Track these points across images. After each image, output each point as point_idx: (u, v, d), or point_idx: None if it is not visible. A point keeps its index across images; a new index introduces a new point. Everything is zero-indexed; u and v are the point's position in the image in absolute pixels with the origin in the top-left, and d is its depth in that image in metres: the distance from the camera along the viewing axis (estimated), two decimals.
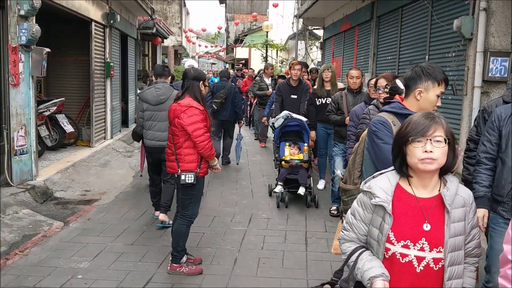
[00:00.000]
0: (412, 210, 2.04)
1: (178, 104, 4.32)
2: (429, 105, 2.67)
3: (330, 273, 4.45)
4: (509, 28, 5.61)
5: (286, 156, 6.81)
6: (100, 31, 10.81)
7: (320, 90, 7.21)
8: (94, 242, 5.20)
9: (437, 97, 2.67)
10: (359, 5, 10.88)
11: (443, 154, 1.99)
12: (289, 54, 25.05)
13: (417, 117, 2.04)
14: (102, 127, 11.31)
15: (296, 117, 6.95)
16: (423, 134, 1.97)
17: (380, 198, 2.03)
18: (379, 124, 2.72)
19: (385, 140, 2.65)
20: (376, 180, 2.12)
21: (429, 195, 2.06)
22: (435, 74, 2.65)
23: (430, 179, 2.05)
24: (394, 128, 2.65)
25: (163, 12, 27.97)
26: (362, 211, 2.14)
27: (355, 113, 5.21)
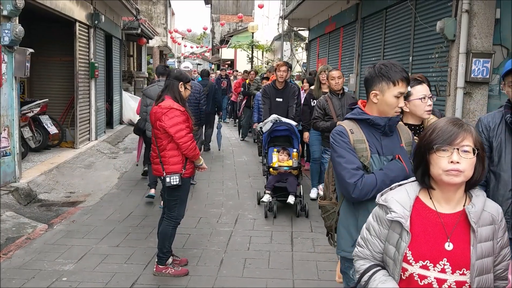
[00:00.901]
0: (433, 227, 1.83)
1: (159, 106, 4.29)
2: (387, 108, 2.45)
3: (316, 273, 4.50)
4: (491, 30, 5.69)
5: (274, 163, 6.45)
6: (84, 31, 10.72)
7: (317, 92, 6.96)
8: (79, 244, 5.16)
9: (396, 98, 2.42)
10: (344, 7, 10.95)
11: (470, 166, 1.78)
12: (274, 55, 25.13)
13: (443, 123, 1.84)
14: (87, 128, 11.22)
15: (285, 121, 6.64)
16: (450, 142, 1.78)
17: (397, 213, 1.85)
18: (335, 134, 2.51)
19: (339, 153, 2.45)
20: (393, 193, 1.94)
21: (452, 211, 1.85)
22: (389, 73, 2.41)
23: (454, 192, 1.84)
24: (352, 136, 2.46)
25: (148, 12, 27.82)
26: (377, 226, 1.95)
27: None
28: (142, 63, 22.60)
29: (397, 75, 2.41)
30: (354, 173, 2.37)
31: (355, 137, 2.46)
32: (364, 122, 2.51)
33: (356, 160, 2.41)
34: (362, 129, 2.50)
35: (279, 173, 6.40)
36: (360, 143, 2.45)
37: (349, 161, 2.40)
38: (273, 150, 6.65)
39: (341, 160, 2.42)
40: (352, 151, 2.43)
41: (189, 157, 4.33)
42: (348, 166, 2.39)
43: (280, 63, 7.42)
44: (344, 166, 2.40)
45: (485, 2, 5.63)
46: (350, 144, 2.45)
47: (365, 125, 2.50)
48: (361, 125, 2.51)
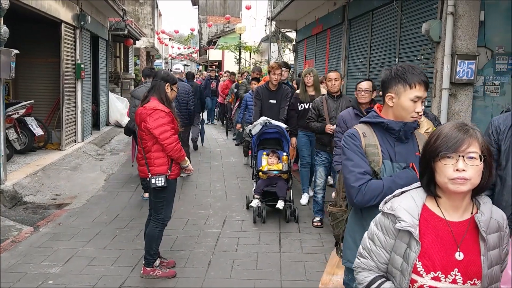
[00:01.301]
0: (443, 236, 1.76)
1: (144, 107, 4.26)
2: (403, 112, 2.34)
3: (304, 274, 4.51)
4: (475, 32, 5.77)
5: (263, 167, 6.28)
6: (70, 32, 10.64)
7: (303, 95, 6.76)
8: (65, 247, 5.11)
9: (413, 102, 2.31)
10: (331, 8, 11.01)
11: (477, 173, 1.71)
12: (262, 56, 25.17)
13: (448, 129, 1.77)
14: (73, 130, 11.12)
15: (275, 123, 6.46)
16: (455, 149, 1.71)
17: (406, 222, 1.76)
18: (347, 137, 2.44)
19: (348, 155, 2.38)
20: (399, 200, 1.84)
21: (460, 219, 1.79)
22: (406, 75, 2.30)
23: (461, 200, 1.78)
24: (364, 140, 2.38)
25: (135, 13, 27.69)
26: (382, 236, 1.84)
27: (342, 119, 4.97)
28: (129, 64, 22.48)
29: (415, 77, 2.30)
30: (359, 177, 2.29)
31: (367, 141, 2.38)
32: (378, 126, 2.42)
33: (364, 164, 2.33)
34: (376, 133, 2.41)
35: (268, 177, 6.22)
36: (372, 148, 2.37)
37: (356, 165, 2.33)
38: (262, 153, 6.46)
39: (349, 163, 2.35)
40: (362, 155, 2.35)
41: (174, 158, 4.30)
42: (355, 169, 2.31)
43: (274, 66, 7.14)
44: (351, 169, 2.32)
45: (469, 4, 5.70)
46: (361, 147, 2.37)
47: (380, 130, 2.41)
48: (376, 129, 2.42)
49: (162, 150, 4.24)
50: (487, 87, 5.94)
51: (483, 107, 5.96)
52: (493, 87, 5.93)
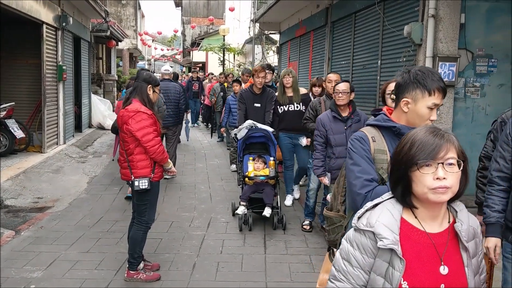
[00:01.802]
0: (426, 250, 1.64)
1: (126, 109, 4.21)
2: (418, 119, 2.20)
3: (289, 275, 4.52)
4: (456, 34, 5.85)
5: (249, 172, 6.02)
6: (51, 33, 10.52)
7: (282, 97, 6.65)
8: (48, 250, 5.05)
9: (430, 109, 2.17)
10: (314, 11, 11.07)
11: (457, 180, 1.62)
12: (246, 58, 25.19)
13: (422, 134, 1.65)
14: (55, 132, 11.00)
15: (261, 127, 6.27)
16: (434, 156, 1.59)
17: (389, 240, 1.60)
18: (355, 140, 2.28)
19: (355, 160, 2.23)
20: (376, 215, 1.68)
21: (439, 229, 1.68)
22: (426, 81, 2.15)
23: (439, 209, 1.68)
24: (373, 144, 2.24)
25: (117, 14, 27.50)
26: (360, 255, 1.67)
27: (321, 122, 4.99)
28: (112, 66, 22.30)
29: (434, 84, 2.15)
30: (366, 184, 2.15)
31: (376, 146, 2.24)
32: (388, 131, 2.27)
33: (372, 171, 2.20)
34: (385, 138, 2.27)
35: (255, 183, 5.96)
36: (381, 154, 2.23)
37: (364, 171, 2.18)
38: (248, 158, 6.22)
39: (356, 168, 2.20)
40: (370, 161, 2.22)
41: (157, 160, 4.27)
42: (362, 175, 2.17)
43: (258, 69, 6.89)
44: (358, 175, 2.18)
45: (450, 7, 5.78)
46: (369, 152, 2.23)
47: (389, 134, 2.27)
48: (384, 134, 2.27)
49: (145, 153, 4.21)
50: (467, 89, 6.03)
51: (464, 108, 6.05)
52: (474, 88, 6.02)
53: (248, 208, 5.92)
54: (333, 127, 4.96)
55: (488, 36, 5.90)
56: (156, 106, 4.61)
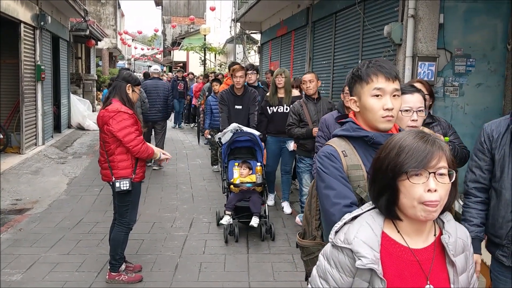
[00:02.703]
0: (409, 268, 1.49)
1: (106, 110, 4.14)
2: (371, 114, 1.92)
3: (272, 274, 4.53)
4: (435, 34, 5.92)
5: (235, 179, 5.66)
6: (29, 33, 10.36)
7: (273, 98, 6.36)
8: (27, 253, 4.97)
9: (376, 97, 1.90)
10: (295, 11, 11.11)
11: (447, 193, 1.46)
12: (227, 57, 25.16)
13: (410, 139, 1.47)
14: (33, 133, 10.83)
15: (247, 130, 5.93)
16: (425, 165, 1.42)
17: (368, 259, 1.44)
18: (323, 157, 1.95)
19: (328, 183, 1.89)
20: (354, 230, 1.51)
21: (424, 244, 1.53)
22: (359, 72, 1.94)
23: (425, 223, 1.52)
24: (345, 160, 1.91)
25: (96, 13, 27.21)
26: (337, 274, 1.51)
27: (325, 123, 4.49)
28: (91, 66, 22.05)
29: (369, 70, 1.91)
30: (346, 211, 1.78)
31: (349, 162, 1.92)
32: (359, 141, 1.95)
33: (350, 193, 1.87)
34: (357, 150, 1.95)
35: (241, 191, 5.58)
36: (355, 170, 1.91)
37: (340, 195, 1.86)
38: (234, 164, 5.86)
39: (330, 193, 1.87)
40: (346, 181, 1.89)
41: (144, 158, 4.24)
42: (340, 201, 1.84)
43: (236, 67, 6.53)
44: (334, 201, 1.85)
45: (429, 7, 5.86)
46: (342, 171, 1.90)
47: (361, 145, 1.95)
48: (356, 145, 1.96)
49: (126, 153, 4.16)
50: (446, 88, 6.11)
51: (443, 108, 6.13)
52: (453, 88, 6.10)
53: (234, 217, 5.54)
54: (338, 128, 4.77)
55: (466, 36, 5.99)
56: (139, 101, 4.54)
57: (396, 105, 1.91)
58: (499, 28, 5.98)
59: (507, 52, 5.97)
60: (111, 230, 4.44)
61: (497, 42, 6.00)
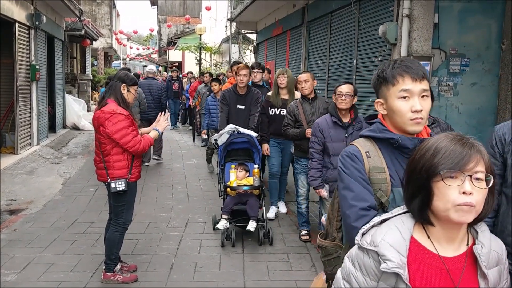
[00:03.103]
0: (437, 276, 1.43)
1: (102, 111, 4.11)
2: (398, 117, 1.84)
3: (267, 274, 4.53)
4: (430, 34, 5.94)
5: (231, 182, 5.49)
6: (24, 32, 10.32)
7: (275, 98, 6.10)
8: (22, 253, 4.95)
9: (403, 99, 1.81)
10: (290, 10, 11.11)
11: (483, 199, 1.40)
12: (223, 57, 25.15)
13: (447, 141, 1.43)
14: (28, 133, 10.79)
15: (244, 132, 5.74)
16: (461, 167, 1.38)
17: (394, 262, 1.39)
18: (345, 158, 1.89)
19: (347, 184, 1.84)
20: (382, 233, 1.47)
21: (455, 253, 1.46)
22: (384, 73, 1.87)
23: (459, 230, 1.45)
24: (367, 161, 1.85)
25: (92, 13, 27.14)
26: (361, 277, 1.48)
27: (318, 127, 4.53)
28: (86, 65, 22.00)
29: (394, 71, 1.84)
30: (362, 214, 1.77)
31: (372, 163, 1.85)
32: (385, 143, 1.88)
33: (369, 196, 1.81)
34: (382, 152, 1.88)
35: (237, 194, 5.46)
36: (378, 172, 1.85)
37: (358, 197, 1.80)
38: (230, 166, 5.68)
39: (349, 194, 1.82)
40: (366, 183, 1.83)
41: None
42: (357, 203, 1.79)
43: (240, 66, 6.34)
44: (351, 203, 1.80)
45: (424, 7, 5.87)
46: (364, 172, 1.84)
47: (387, 147, 1.88)
48: (381, 147, 1.89)
49: (122, 153, 4.15)
50: (441, 88, 6.13)
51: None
52: (447, 87, 6.12)
53: (231, 221, 5.38)
54: (332, 133, 4.53)
55: (461, 36, 6.01)
56: (137, 100, 4.52)
57: (425, 106, 1.82)
58: (494, 28, 6.00)
59: (501, 52, 6.00)
60: (106, 230, 4.43)
61: (492, 42, 6.03)
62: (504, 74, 5.88)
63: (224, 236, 5.25)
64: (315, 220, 5.85)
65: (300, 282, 4.40)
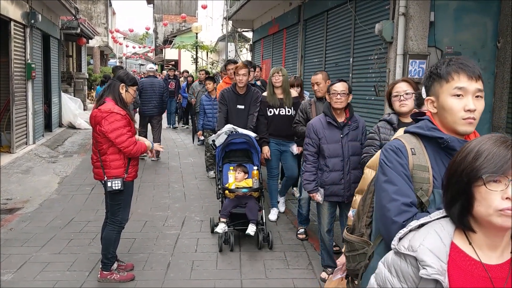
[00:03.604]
0: (479, 284, 1.36)
1: (99, 110, 4.12)
2: (449, 116, 1.78)
3: (264, 272, 4.54)
4: (426, 32, 5.95)
5: (230, 184, 5.33)
6: (20, 31, 10.29)
7: (272, 98, 5.93)
8: (18, 253, 4.94)
9: (457, 97, 1.76)
10: (287, 9, 11.11)
11: None
12: (219, 55, 25.13)
13: (490, 143, 1.37)
14: (24, 132, 10.76)
15: (242, 132, 5.58)
16: (505, 171, 1.31)
17: (434, 269, 1.34)
18: (389, 150, 1.85)
19: (390, 177, 1.80)
20: (421, 237, 1.41)
21: (499, 261, 1.39)
22: (439, 69, 1.81)
23: (502, 237, 1.39)
24: (412, 158, 1.81)
25: (87, 11, 27.07)
26: (398, 283, 1.43)
27: (312, 128, 4.31)
28: (82, 64, 21.95)
29: (450, 68, 1.78)
30: (404, 210, 1.73)
31: (416, 161, 1.81)
32: (432, 142, 1.82)
33: (411, 192, 1.77)
34: (427, 150, 1.83)
35: (236, 196, 5.28)
36: (421, 171, 1.80)
37: (401, 192, 1.76)
38: (228, 167, 5.52)
39: (391, 188, 1.77)
40: (408, 179, 1.79)
41: (137, 156, 4.26)
42: (399, 198, 1.75)
43: (239, 65, 6.16)
44: (394, 197, 1.76)
45: (420, 5, 5.88)
46: (407, 168, 1.80)
47: (433, 147, 1.83)
48: (427, 145, 1.83)
49: (119, 153, 4.15)
50: None
51: None
52: None
53: (229, 225, 5.21)
54: (327, 134, 4.28)
55: (456, 34, 6.02)
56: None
57: (478, 106, 1.76)
58: (489, 26, 6.02)
59: (497, 50, 6.02)
60: (103, 229, 4.43)
61: (487, 40, 6.05)
62: (500, 72, 5.90)
63: (222, 240, 5.10)
64: (314, 219, 5.85)
65: (297, 280, 4.40)
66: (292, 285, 4.32)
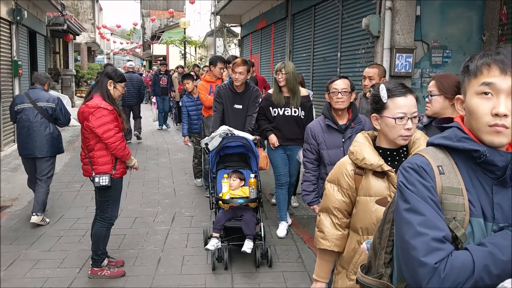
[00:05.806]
0: None
1: (86, 105, 4.12)
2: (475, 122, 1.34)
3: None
4: (412, 26, 6.01)
5: (224, 194, 4.66)
6: (5, 28, 10.19)
7: (277, 97, 5.25)
8: (7, 250, 4.92)
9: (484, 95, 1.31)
10: (274, 3, 11.12)
11: None
12: (207, 51, 25.07)
13: None
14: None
15: (239, 134, 4.90)
16: None
17: None
18: (410, 171, 1.39)
19: (414, 205, 1.33)
20: None
21: None
22: (473, 59, 1.37)
23: None
24: (440, 178, 1.36)
25: (74, 7, 26.85)
26: None
27: (311, 132, 3.76)
28: (69, 60, 21.78)
29: (479, 61, 1.33)
30: (435, 247, 1.25)
31: (445, 182, 1.35)
32: (465, 156, 1.38)
33: (442, 223, 1.30)
34: (459, 168, 1.38)
35: (231, 207, 4.69)
36: (453, 195, 1.35)
37: (429, 223, 1.29)
38: (223, 174, 4.82)
39: (415, 218, 1.31)
40: (437, 207, 1.33)
41: (119, 157, 4.20)
42: (428, 232, 1.28)
43: (237, 61, 5.42)
44: (420, 230, 1.29)
45: (406, 0, 5.93)
46: (435, 192, 1.34)
47: (466, 162, 1.38)
48: (458, 161, 1.39)
49: (106, 149, 4.15)
50: (424, 79, 6.21)
51: (421, 98, 6.23)
52: (430, 79, 6.20)
53: (223, 240, 4.62)
54: (327, 139, 3.71)
55: (442, 28, 6.09)
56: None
57: None
58: (475, 20, 6.09)
59: (482, 43, 6.10)
60: (92, 226, 4.43)
61: (473, 33, 6.12)
62: None
63: (215, 257, 4.53)
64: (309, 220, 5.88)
65: (287, 273, 4.44)
66: (282, 278, 4.34)
